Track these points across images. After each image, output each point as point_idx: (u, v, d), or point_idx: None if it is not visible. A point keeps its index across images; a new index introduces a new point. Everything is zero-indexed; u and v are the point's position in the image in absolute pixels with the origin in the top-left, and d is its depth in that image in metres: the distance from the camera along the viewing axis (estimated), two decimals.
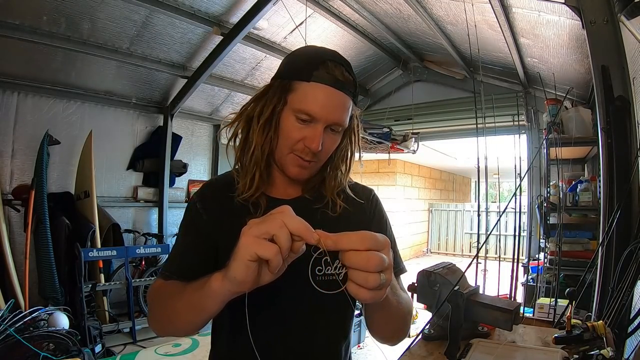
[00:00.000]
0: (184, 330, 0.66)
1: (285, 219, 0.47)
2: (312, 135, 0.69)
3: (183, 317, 0.62)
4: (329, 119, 0.69)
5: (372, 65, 4.96)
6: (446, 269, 1.20)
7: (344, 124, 0.72)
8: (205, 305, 0.57)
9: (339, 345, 0.79)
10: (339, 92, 0.69)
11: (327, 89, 0.68)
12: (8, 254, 2.99)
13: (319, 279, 0.72)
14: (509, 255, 4.11)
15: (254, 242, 0.46)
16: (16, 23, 2.89)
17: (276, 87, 0.72)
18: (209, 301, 0.56)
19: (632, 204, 1.56)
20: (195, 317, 0.61)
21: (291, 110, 0.70)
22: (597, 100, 1.74)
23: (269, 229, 0.46)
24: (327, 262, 0.73)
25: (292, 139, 0.70)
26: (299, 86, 0.69)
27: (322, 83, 0.68)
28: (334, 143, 0.74)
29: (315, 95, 0.68)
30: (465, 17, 2.74)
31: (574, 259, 2.89)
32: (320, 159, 0.73)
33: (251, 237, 0.47)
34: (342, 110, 0.70)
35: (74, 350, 2.40)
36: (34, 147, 3.34)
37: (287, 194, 0.78)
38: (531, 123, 4.13)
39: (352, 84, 0.71)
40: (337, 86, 0.68)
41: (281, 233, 0.46)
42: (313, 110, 0.67)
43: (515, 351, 0.97)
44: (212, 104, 4.81)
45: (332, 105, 0.68)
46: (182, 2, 3.22)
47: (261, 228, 0.47)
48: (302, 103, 0.68)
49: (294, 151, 0.71)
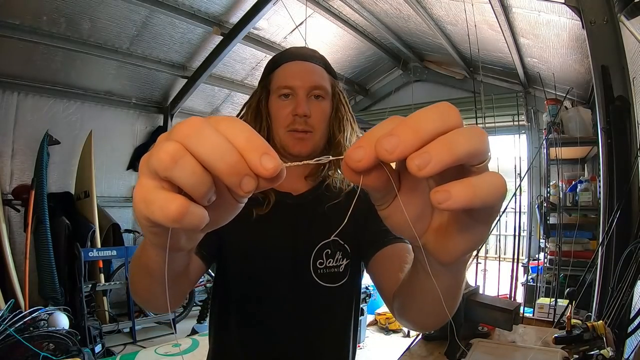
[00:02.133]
0: (146, 301, 0.56)
1: (194, 132, 0.24)
2: (297, 103, 0.73)
3: (138, 279, 0.51)
4: (306, 84, 0.74)
5: (372, 65, 4.96)
6: None
7: (323, 87, 0.76)
8: (145, 261, 0.41)
9: (343, 338, 0.79)
10: (307, 62, 0.77)
11: (295, 62, 0.76)
12: (8, 254, 2.99)
13: (320, 272, 0.73)
14: (509, 255, 4.11)
15: (142, 199, 0.25)
16: (16, 23, 2.89)
17: (258, 87, 0.80)
18: (147, 255, 0.40)
19: (632, 204, 1.56)
20: (147, 280, 0.47)
21: (274, 94, 0.76)
22: (597, 100, 1.75)
23: (156, 164, 0.24)
24: (327, 254, 0.73)
25: (282, 115, 0.74)
26: (273, 75, 0.78)
27: (289, 61, 0.77)
28: (321, 110, 0.76)
29: (286, 71, 0.76)
30: (465, 17, 2.74)
31: (574, 259, 2.89)
32: (315, 127, 0.75)
33: (141, 191, 0.25)
34: (315, 75, 0.76)
35: (74, 350, 2.39)
36: (34, 147, 3.33)
37: (294, 188, 0.78)
38: (531, 123, 4.13)
39: (319, 58, 0.79)
40: (303, 58, 0.77)
41: (182, 167, 0.24)
42: (288, 81, 0.74)
43: (515, 351, 0.97)
44: (212, 104, 4.81)
45: (303, 72, 0.75)
46: (182, 2, 3.22)
47: (149, 164, 0.25)
48: (279, 81, 0.76)
49: (288, 128, 0.74)
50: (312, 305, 0.74)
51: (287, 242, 0.74)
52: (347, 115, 0.80)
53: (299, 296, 0.73)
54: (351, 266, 0.76)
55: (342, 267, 0.75)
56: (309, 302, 0.74)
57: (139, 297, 0.56)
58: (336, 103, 0.80)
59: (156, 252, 0.36)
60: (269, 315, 0.73)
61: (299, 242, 0.74)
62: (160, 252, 0.34)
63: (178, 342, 3.12)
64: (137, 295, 0.56)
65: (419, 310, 0.49)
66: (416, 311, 0.51)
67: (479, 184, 0.24)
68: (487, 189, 0.24)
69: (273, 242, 0.74)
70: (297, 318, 0.74)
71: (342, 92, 0.82)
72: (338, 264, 0.74)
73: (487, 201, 0.24)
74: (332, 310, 0.77)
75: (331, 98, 0.78)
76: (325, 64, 0.79)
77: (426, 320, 0.53)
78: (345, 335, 0.79)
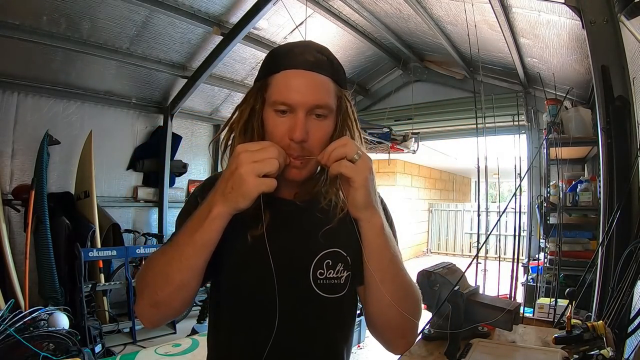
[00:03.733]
0: (181, 287, 0.65)
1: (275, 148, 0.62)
2: (293, 124, 0.65)
3: (184, 262, 0.63)
4: (307, 103, 0.64)
5: (372, 65, 4.96)
6: (446, 269, 1.20)
7: (326, 105, 0.66)
8: (205, 239, 0.62)
9: (339, 349, 0.78)
10: (310, 73, 0.65)
11: (297, 72, 0.65)
12: (8, 254, 2.99)
13: (320, 282, 0.72)
14: (509, 255, 4.11)
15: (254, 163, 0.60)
16: (16, 23, 2.89)
17: (254, 89, 0.71)
18: (208, 231, 0.62)
19: (632, 204, 1.56)
20: (196, 258, 0.63)
21: (269, 107, 0.67)
22: (597, 100, 1.75)
23: (265, 154, 0.60)
24: (328, 265, 0.72)
25: (277, 135, 0.66)
26: (272, 80, 0.67)
27: (291, 69, 0.66)
28: (322, 130, 0.68)
29: (286, 82, 0.65)
30: (465, 17, 2.74)
31: (574, 259, 2.89)
32: (312, 150, 0.67)
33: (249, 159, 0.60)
34: (319, 91, 0.66)
35: (74, 350, 2.39)
36: (34, 147, 3.33)
37: (287, 193, 0.75)
38: (531, 123, 4.13)
39: (326, 64, 0.68)
40: (307, 67, 0.65)
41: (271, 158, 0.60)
42: (286, 97, 0.65)
43: (515, 351, 0.96)
44: (212, 104, 4.81)
45: (306, 86, 0.65)
46: (182, 2, 3.22)
47: (256, 155, 0.60)
48: (276, 94, 0.66)
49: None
50: (311, 315, 0.72)
51: (286, 250, 0.71)
52: (353, 132, 0.73)
53: (297, 306, 0.71)
54: (352, 278, 0.74)
55: (343, 278, 0.73)
56: (308, 312, 0.72)
57: (170, 286, 0.64)
58: (342, 117, 0.71)
59: (225, 220, 0.62)
60: (266, 324, 0.69)
61: (299, 251, 0.72)
62: (225, 220, 0.62)
63: (178, 342, 3.12)
64: (169, 284, 0.64)
65: (375, 305, 0.72)
66: (372, 311, 0.73)
67: (342, 163, 0.62)
68: (344, 166, 0.62)
69: (273, 250, 0.67)
70: (295, 328, 0.71)
71: (349, 103, 0.72)
72: (339, 275, 0.72)
73: (345, 172, 0.62)
74: (330, 322, 0.75)
75: (336, 114, 0.70)
76: (332, 73, 0.68)
77: (382, 317, 0.72)
78: (342, 345, 0.78)
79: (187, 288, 0.66)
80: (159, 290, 0.65)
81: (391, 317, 0.70)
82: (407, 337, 0.75)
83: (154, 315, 0.69)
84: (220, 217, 0.61)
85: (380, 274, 0.68)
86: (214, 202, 0.62)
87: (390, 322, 0.72)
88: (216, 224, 0.61)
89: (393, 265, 0.69)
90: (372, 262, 0.68)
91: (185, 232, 0.64)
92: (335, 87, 0.69)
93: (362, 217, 0.66)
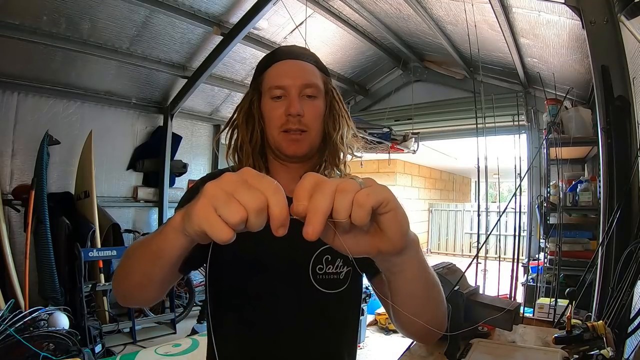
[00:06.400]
0: (138, 286, 0.58)
1: (271, 198, 0.40)
2: (289, 102, 0.72)
3: (139, 263, 0.55)
4: (297, 82, 0.72)
5: (372, 65, 4.96)
6: (446, 269, 1.20)
7: (315, 84, 0.74)
8: (159, 247, 0.49)
9: (340, 345, 0.78)
10: (297, 61, 0.76)
11: (286, 62, 0.75)
12: (8, 254, 2.99)
13: (320, 277, 0.72)
14: (509, 255, 4.11)
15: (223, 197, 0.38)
16: (16, 23, 2.89)
17: (251, 87, 0.80)
18: (162, 240, 0.48)
19: (632, 204, 1.56)
20: (150, 264, 0.53)
21: (265, 96, 0.75)
22: (597, 100, 1.75)
23: (252, 199, 0.39)
24: (327, 260, 0.72)
25: (275, 116, 0.73)
26: (265, 75, 0.77)
27: (279, 60, 0.76)
28: (315, 108, 0.75)
29: (277, 71, 0.75)
30: (465, 17, 2.74)
31: (574, 259, 2.89)
32: (309, 126, 0.73)
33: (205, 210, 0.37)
34: (307, 73, 0.75)
35: (74, 350, 2.39)
36: (34, 147, 3.33)
37: (290, 190, 0.75)
38: (531, 123, 4.13)
39: (310, 55, 0.78)
40: (294, 57, 0.76)
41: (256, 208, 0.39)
42: (279, 81, 0.73)
43: (515, 351, 0.97)
44: (212, 104, 4.81)
45: (294, 70, 0.74)
46: (182, 2, 3.22)
47: (246, 194, 0.39)
48: (270, 81, 0.74)
49: (282, 128, 0.73)
50: (310, 311, 0.72)
51: (285, 245, 0.70)
52: (342, 112, 0.79)
53: (297, 301, 0.71)
54: (352, 274, 0.74)
55: (343, 274, 0.73)
56: (307, 308, 0.72)
57: (129, 282, 0.60)
58: (330, 100, 0.78)
59: (182, 238, 0.45)
60: (265, 319, 0.71)
61: (298, 246, 0.72)
62: (181, 237, 0.45)
63: (178, 342, 3.12)
64: (128, 279, 0.59)
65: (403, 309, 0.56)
66: (401, 313, 0.57)
67: (360, 200, 0.40)
68: (368, 197, 0.40)
69: (271, 244, 0.62)
70: (295, 323, 0.72)
71: (335, 89, 0.80)
72: (338, 270, 0.73)
73: (373, 203, 0.40)
74: (331, 317, 0.75)
75: (324, 96, 0.77)
76: (316, 61, 0.78)
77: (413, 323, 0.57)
78: (343, 342, 0.78)
79: (146, 290, 0.59)
80: (122, 280, 0.62)
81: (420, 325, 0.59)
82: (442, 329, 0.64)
83: (120, 299, 0.66)
84: (175, 231, 0.45)
85: (413, 300, 0.57)
86: (180, 212, 0.46)
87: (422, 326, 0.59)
88: (170, 236, 0.46)
89: (429, 285, 0.58)
90: (407, 295, 0.56)
91: (153, 233, 0.56)
92: (321, 74, 0.78)
93: (407, 252, 0.50)
